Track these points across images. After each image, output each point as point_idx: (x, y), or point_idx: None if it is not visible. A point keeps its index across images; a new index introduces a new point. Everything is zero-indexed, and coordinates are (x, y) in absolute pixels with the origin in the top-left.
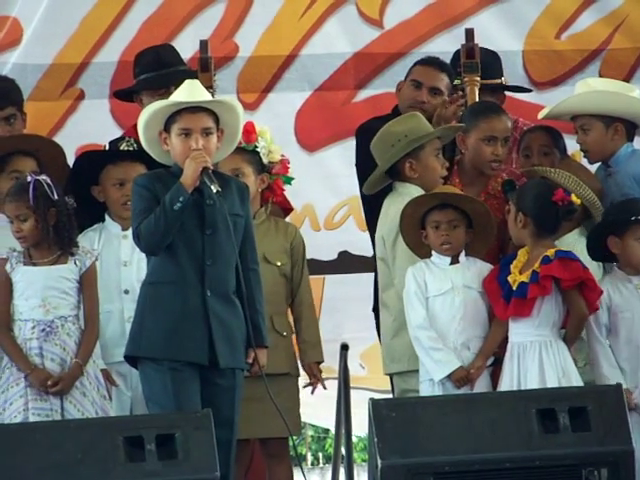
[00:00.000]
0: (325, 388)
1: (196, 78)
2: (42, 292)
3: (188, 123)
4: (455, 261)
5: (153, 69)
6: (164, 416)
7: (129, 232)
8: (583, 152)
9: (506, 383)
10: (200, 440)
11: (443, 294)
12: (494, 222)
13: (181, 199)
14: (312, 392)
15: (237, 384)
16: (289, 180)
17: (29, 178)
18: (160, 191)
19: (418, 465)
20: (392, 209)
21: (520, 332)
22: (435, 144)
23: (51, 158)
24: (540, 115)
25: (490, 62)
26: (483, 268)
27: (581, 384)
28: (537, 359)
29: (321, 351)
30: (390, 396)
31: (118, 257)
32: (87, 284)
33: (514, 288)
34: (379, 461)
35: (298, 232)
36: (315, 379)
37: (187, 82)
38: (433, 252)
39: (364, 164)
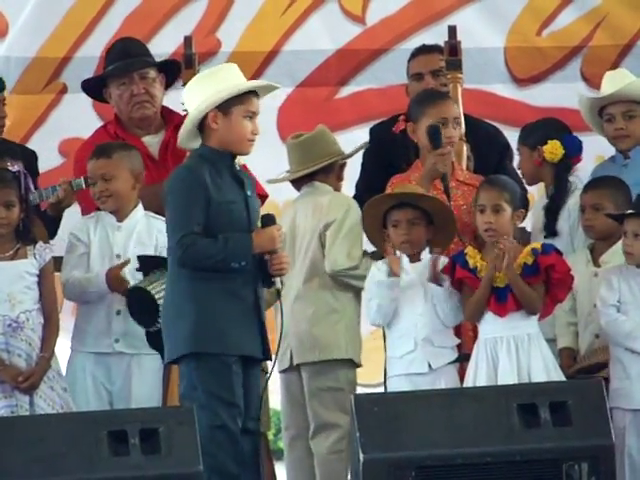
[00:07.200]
0: None
1: (161, 69)
2: (8, 287)
3: (254, 106)
4: (417, 259)
5: (120, 58)
6: (147, 410)
7: (123, 224)
8: (617, 138)
9: (506, 376)
10: (183, 435)
11: (403, 291)
12: (454, 216)
13: (243, 263)
14: None
15: None
16: None
17: (16, 167)
18: (207, 173)
19: (400, 459)
20: None
21: (513, 325)
22: None
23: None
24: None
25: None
26: (445, 263)
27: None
28: (538, 350)
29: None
30: (380, 389)
31: (111, 249)
32: (46, 278)
33: (502, 285)
34: (361, 455)
35: None
36: None
37: (229, 65)
38: (396, 250)
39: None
